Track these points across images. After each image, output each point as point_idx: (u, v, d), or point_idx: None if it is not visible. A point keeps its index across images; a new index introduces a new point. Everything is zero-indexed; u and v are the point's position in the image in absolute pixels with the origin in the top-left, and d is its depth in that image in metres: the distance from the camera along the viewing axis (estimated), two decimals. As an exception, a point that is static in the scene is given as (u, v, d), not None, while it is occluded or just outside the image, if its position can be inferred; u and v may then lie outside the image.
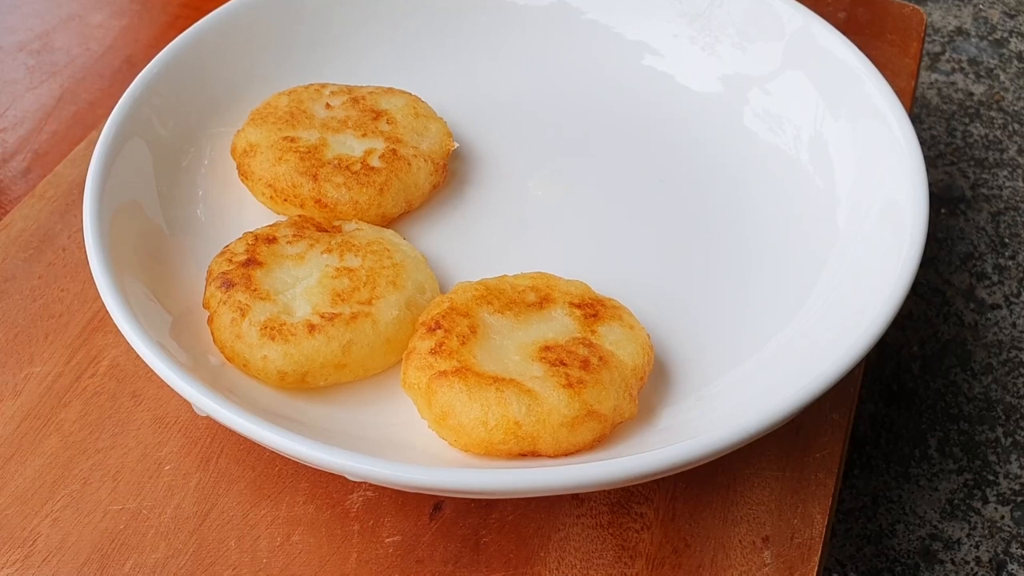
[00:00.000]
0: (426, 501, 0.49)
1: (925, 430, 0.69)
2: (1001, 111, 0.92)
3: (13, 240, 0.60)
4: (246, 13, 0.65)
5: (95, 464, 0.50)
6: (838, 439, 0.52)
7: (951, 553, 0.64)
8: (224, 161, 0.60)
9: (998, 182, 0.85)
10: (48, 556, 0.47)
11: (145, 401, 0.52)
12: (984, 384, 0.71)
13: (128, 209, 0.55)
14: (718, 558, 0.48)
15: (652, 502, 0.49)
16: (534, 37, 0.69)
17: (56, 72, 0.78)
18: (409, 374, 0.47)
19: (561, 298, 0.51)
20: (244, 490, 0.49)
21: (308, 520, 0.48)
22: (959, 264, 0.78)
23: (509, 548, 0.48)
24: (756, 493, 0.50)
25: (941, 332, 0.74)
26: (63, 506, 0.49)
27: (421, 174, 0.58)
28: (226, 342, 0.49)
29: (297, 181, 0.56)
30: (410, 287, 0.51)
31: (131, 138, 0.57)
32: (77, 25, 0.82)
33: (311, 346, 0.48)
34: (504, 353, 0.48)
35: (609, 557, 0.47)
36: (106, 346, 0.55)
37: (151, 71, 0.60)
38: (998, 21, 1.05)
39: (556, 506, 0.49)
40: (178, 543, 0.47)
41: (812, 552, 0.48)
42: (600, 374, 0.46)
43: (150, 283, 0.52)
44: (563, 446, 0.45)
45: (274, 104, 0.60)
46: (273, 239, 0.53)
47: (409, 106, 0.61)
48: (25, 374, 0.54)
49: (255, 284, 0.50)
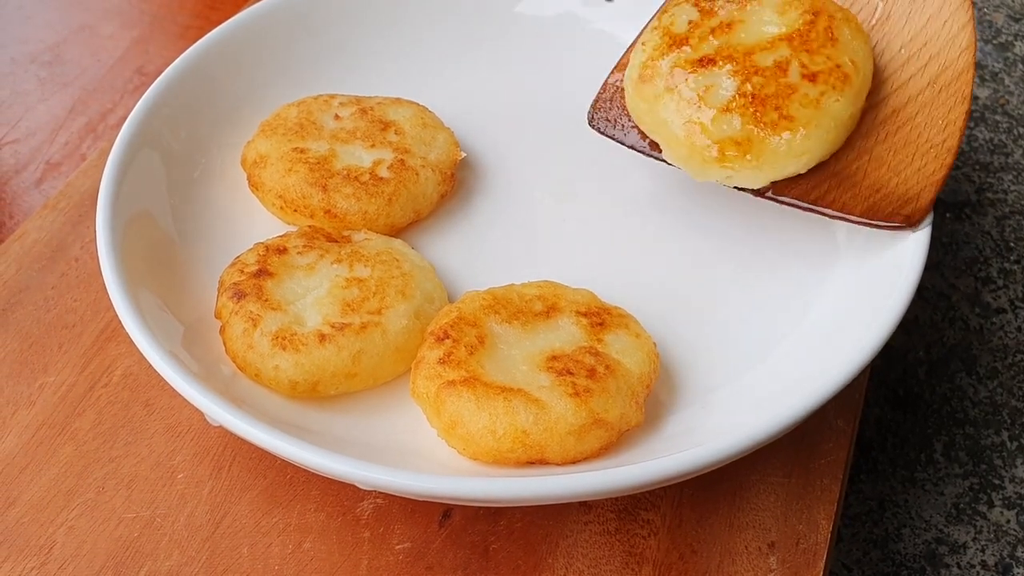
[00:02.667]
0: (435, 508, 0.49)
1: (931, 434, 0.70)
2: (1006, 115, 0.92)
3: (27, 251, 0.60)
4: (255, 25, 0.65)
5: (109, 472, 0.51)
6: (843, 445, 0.53)
7: (957, 557, 0.64)
8: (234, 172, 0.61)
9: (1003, 186, 0.85)
10: (64, 563, 0.48)
11: (158, 410, 0.53)
12: (990, 388, 0.72)
13: (140, 220, 0.55)
14: (724, 564, 0.48)
15: (659, 508, 0.50)
16: (541, 47, 0.70)
17: (68, 83, 0.79)
18: (418, 383, 0.48)
19: (568, 307, 0.51)
20: (256, 498, 0.50)
21: (319, 527, 0.49)
22: (964, 269, 0.79)
23: (518, 555, 0.48)
24: (762, 499, 0.50)
25: (947, 337, 0.75)
26: (78, 514, 0.49)
27: (429, 184, 0.59)
28: (238, 352, 0.50)
29: (307, 192, 0.57)
30: (419, 296, 0.52)
31: (143, 149, 0.58)
32: (88, 36, 0.83)
33: (322, 356, 0.49)
34: (512, 363, 0.48)
35: (616, 563, 0.48)
36: (119, 356, 0.55)
37: (162, 83, 0.61)
38: (1003, 25, 1.05)
39: (564, 513, 0.50)
40: (191, 551, 0.48)
41: (817, 557, 0.48)
42: (606, 383, 0.47)
43: (162, 293, 0.53)
44: (570, 454, 0.46)
45: (284, 115, 0.61)
46: (284, 249, 0.54)
47: (417, 116, 0.62)
48: (39, 384, 0.54)
49: (266, 295, 0.51)
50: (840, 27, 0.52)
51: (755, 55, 0.52)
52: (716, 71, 0.52)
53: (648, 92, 0.54)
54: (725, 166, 0.52)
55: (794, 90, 0.51)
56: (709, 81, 0.52)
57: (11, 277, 0.59)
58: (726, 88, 0.51)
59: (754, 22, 0.53)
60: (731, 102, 0.51)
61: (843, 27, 0.52)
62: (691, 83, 0.52)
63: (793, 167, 0.52)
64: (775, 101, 0.51)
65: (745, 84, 0.51)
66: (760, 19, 0.53)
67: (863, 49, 0.53)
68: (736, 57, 0.52)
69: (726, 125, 0.51)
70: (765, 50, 0.52)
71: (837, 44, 0.52)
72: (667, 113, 0.53)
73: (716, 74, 0.52)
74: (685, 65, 0.52)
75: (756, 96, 0.51)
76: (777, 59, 0.52)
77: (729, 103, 0.51)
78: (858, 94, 0.52)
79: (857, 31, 0.53)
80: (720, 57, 0.52)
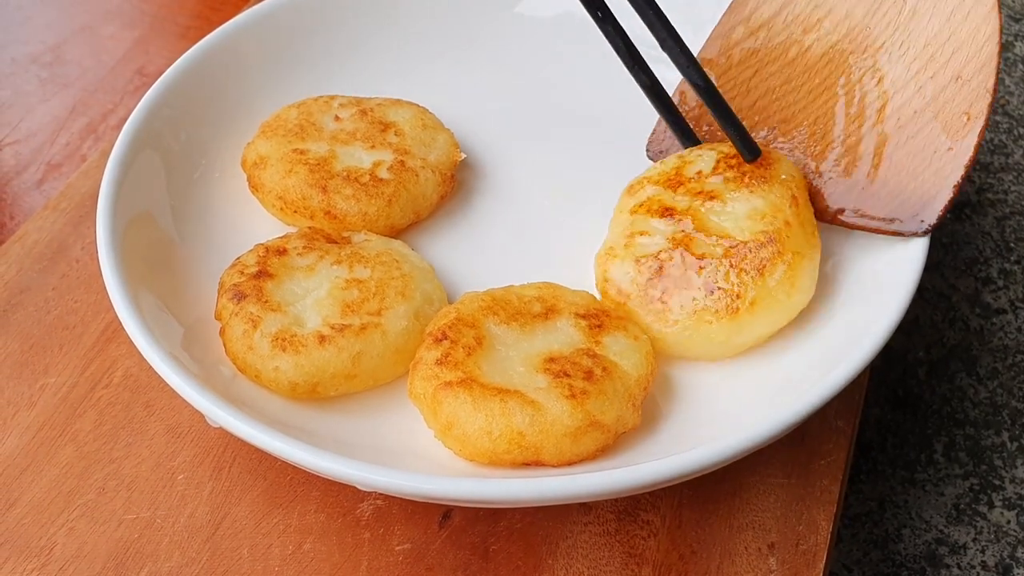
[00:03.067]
0: (435, 510, 0.50)
1: (931, 435, 0.70)
2: (1006, 115, 0.92)
3: (27, 252, 0.61)
4: (256, 26, 0.66)
5: (110, 474, 0.51)
6: (843, 446, 0.53)
7: (957, 557, 0.64)
8: (235, 173, 0.61)
9: (1004, 187, 0.85)
10: (64, 565, 0.48)
11: (158, 411, 0.53)
12: (990, 389, 0.72)
13: (140, 221, 0.55)
14: (724, 565, 0.48)
15: (659, 509, 0.50)
16: (541, 48, 0.70)
17: (68, 84, 0.79)
18: (415, 384, 0.48)
19: (566, 308, 0.51)
20: (256, 499, 0.50)
21: (319, 529, 0.49)
22: (964, 269, 0.79)
23: (517, 556, 0.48)
24: (762, 500, 0.50)
25: (947, 337, 0.75)
26: (79, 515, 0.49)
27: (429, 185, 0.59)
28: (238, 353, 0.50)
29: (307, 193, 0.57)
30: (418, 297, 0.52)
31: (143, 150, 0.58)
32: (89, 37, 0.83)
33: (322, 357, 0.49)
34: (509, 364, 0.48)
35: (616, 564, 0.48)
36: (120, 357, 0.55)
37: (163, 84, 0.61)
38: (1003, 25, 1.05)
39: (564, 514, 0.50)
40: (192, 552, 0.48)
41: (817, 558, 0.48)
42: (603, 385, 0.47)
43: (162, 294, 0.53)
44: (566, 456, 0.46)
45: (284, 116, 0.61)
46: (284, 251, 0.54)
47: (417, 118, 0.62)
48: (40, 385, 0.54)
49: (266, 296, 0.51)
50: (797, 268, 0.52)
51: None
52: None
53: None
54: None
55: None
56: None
57: (12, 278, 0.59)
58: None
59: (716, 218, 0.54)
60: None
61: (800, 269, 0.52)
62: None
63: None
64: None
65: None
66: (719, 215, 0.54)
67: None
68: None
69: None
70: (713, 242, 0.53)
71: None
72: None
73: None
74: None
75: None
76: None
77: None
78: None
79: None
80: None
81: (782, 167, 0.54)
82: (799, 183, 0.54)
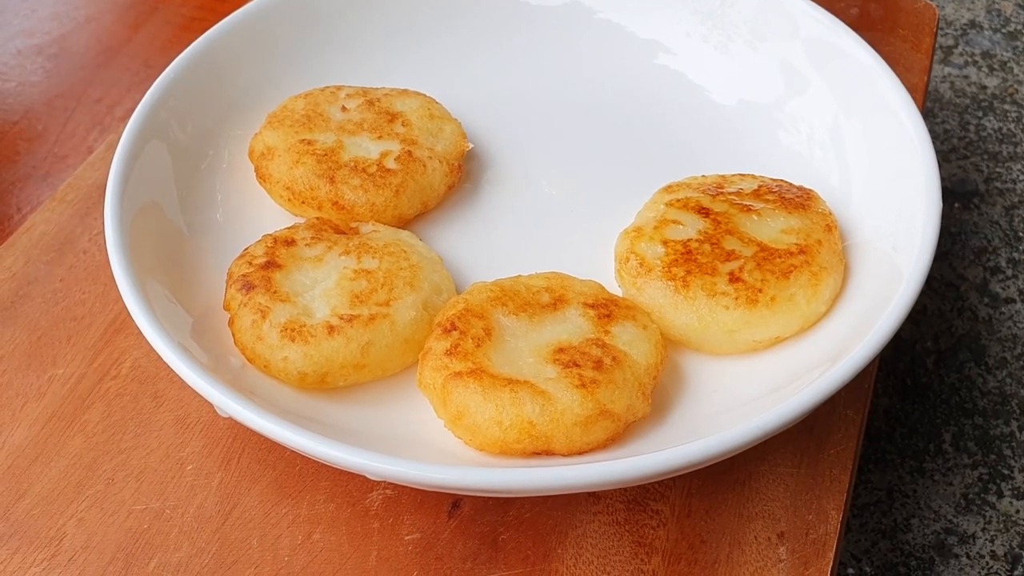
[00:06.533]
0: (445, 499, 0.50)
1: (940, 424, 0.70)
2: (1015, 104, 0.91)
3: (35, 243, 0.61)
4: (261, 16, 0.65)
5: (118, 464, 0.51)
6: (852, 435, 0.53)
7: (966, 547, 0.64)
8: (242, 164, 0.61)
9: (1012, 176, 0.85)
10: (74, 555, 0.48)
11: (167, 402, 0.53)
12: (998, 378, 0.72)
13: (148, 211, 0.55)
14: (734, 554, 0.48)
15: (668, 499, 0.50)
16: (547, 37, 0.70)
17: (74, 75, 0.79)
18: (425, 374, 0.48)
19: (575, 298, 0.51)
20: (265, 489, 0.50)
21: (328, 518, 0.49)
22: (973, 258, 0.78)
23: (527, 545, 0.48)
24: (771, 489, 0.50)
25: (955, 327, 0.75)
26: (88, 506, 0.49)
27: (436, 175, 0.59)
28: (247, 344, 0.50)
29: (314, 183, 0.57)
30: (427, 288, 0.52)
31: (150, 141, 0.58)
32: (94, 28, 0.83)
33: (330, 347, 0.49)
34: (518, 354, 0.48)
35: (626, 553, 0.48)
36: (128, 348, 0.55)
37: (169, 75, 0.61)
38: (1012, 13, 1.05)
39: (573, 503, 0.50)
40: (201, 542, 0.48)
41: (827, 547, 0.48)
42: (613, 374, 0.47)
43: (170, 285, 0.53)
44: (576, 445, 0.46)
45: (291, 107, 0.61)
46: (292, 241, 0.54)
47: (424, 108, 0.62)
48: (48, 376, 0.54)
49: (275, 286, 0.51)
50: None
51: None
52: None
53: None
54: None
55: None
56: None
57: (19, 270, 0.59)
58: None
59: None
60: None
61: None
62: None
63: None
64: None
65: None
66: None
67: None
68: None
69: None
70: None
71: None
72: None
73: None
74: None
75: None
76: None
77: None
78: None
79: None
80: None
81: (821, 203, 0.56)
82: (835, 220, 0.56)
